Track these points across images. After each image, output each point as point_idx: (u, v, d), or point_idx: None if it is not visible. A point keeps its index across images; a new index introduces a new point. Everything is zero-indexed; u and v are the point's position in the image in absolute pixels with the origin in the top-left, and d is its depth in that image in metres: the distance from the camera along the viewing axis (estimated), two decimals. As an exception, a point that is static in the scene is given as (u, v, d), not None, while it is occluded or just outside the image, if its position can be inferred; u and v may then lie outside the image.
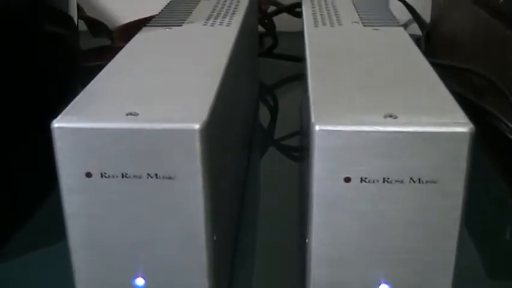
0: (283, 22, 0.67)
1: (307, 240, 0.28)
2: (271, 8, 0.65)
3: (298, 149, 0.48)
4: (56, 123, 0.26)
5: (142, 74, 0.32)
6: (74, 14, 0.48)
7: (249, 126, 0.49)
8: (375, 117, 0.26)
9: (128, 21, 0.76)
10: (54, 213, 0.29)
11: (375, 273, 0.28)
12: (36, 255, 0.38)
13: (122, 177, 0.26)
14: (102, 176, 0.27)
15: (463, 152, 0.25)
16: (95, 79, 0.31)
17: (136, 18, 0.71)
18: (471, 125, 0.25)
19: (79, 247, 0.28)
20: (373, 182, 0.26)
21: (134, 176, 0.26)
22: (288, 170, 0.46)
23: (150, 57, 0.35)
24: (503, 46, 0.50)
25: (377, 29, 0.39)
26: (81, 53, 0.54)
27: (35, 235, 0.39)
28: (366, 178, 0.26)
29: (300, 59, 0.63)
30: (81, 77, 0.47)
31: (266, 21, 0.62)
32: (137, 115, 0.26)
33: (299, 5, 0.63)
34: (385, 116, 0.26)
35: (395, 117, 0.26)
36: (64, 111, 0.27)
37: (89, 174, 0.27)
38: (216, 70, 0.32)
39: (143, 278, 0.28)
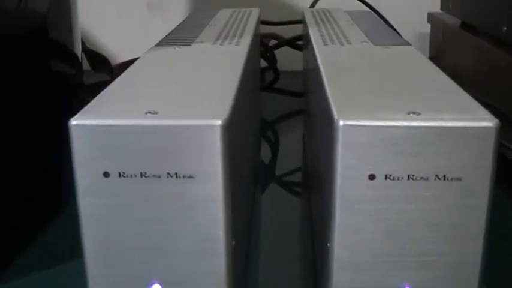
0: (284, 61, 0.68)
1: (328, 245, 0.27)
2: (273, 42, 0.65)
3: (300, 184, 0.47)
4: (74, 121, 0.26)
5: (158, 80, 0.32)
6: (78, 50, 0.48)
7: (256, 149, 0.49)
8: (398, 114, 0.26)
9: (127, 59, 0.76)
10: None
11: (398, 277, 0.27)
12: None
13: (141, 176, 0.26)
14: (120, 176, 0.26)
15: (488, 147, 0.25)
16: (111, 85, 0.31)
17: (136, 56, 0.72)
18: (496, 120, 0.25)
19: (94, 251, 0.27)
20: (398, 179, 0.26)
21: (153, 176, 0.26)
22: (290, 205, 0.44)
23: (163, 67, 0.35)
24: (508, 75, 0.51)
25: (388, 47, 0.39)
26: (84, 89, 0.53)
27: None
28: (390, 175, 0.26)
29: (301, 94, 0.63)
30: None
31: (268, 54, 0.62)
32: (156, 113, 0.26)
33: (300, 38, 0.63)
34: (408, 113, 0.26)
35: (419, 114, 0.26)
36: (82, 111, 0.27)
37: (106, 174, 0.26)
38: (232, 78, 0.32)
39: (160, 284, 0.27)
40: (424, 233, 0.26)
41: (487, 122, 0.25)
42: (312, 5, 0.65)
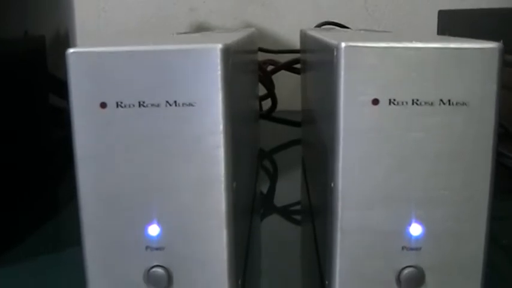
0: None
1: (332, 184, 0.26)
2: (270, 67, 0.66)
3: (300, 212, 0.46)
4: (71, 49, 0.25)
5: (156, 39, 0.32)
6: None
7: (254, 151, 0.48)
8: (401, 42, 0.25)
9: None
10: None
11: (406, 212, 0.26)
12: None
13: (139, 106, 0.25)
14: (117, 106, 0.25)
15: (492, 69, 0.25)
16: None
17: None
18: (500, 43, 0.25)
19: (89, 191, 0.26)
20: (402, 104, 0.25)
21: (152, 105, 0.25)
22: (289, 235, 0.42)
23: (162, 36, 0.35)
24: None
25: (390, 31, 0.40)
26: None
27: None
28: (394, 100, 0.25)
29: (299, 123, 0.63)
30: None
31: (265, 77, 0.63)
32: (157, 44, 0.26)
33: (297, 61, 0.64)
34: (411, 42, 0.25)
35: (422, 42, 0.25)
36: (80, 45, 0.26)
37: (103, 105, 0.25)
38: (231, 36, 0.31)
39: (158, 225, 0.26)
40: (432, 164, 0.25)
41: (491, 44, 0.25)
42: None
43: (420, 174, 0.26)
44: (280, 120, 0.68)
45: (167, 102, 0.25)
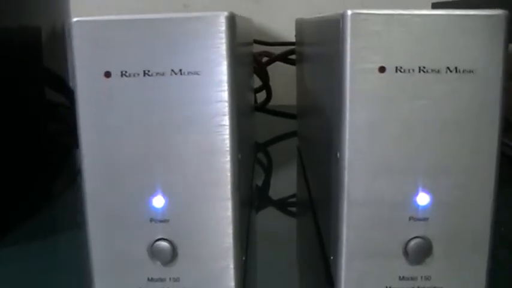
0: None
1: (338, 154, 0.26)
2: (265, 59, 0.66)
3: (297, 204, 0.45)
4: (75, 18, 0.25)
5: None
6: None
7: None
8: (407, 10, 0.25)
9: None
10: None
11: (412, 181, 0.26)
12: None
13: (144, 75, 0.25)
14: (122, 75, 0.25)
15: (499, 36, 0.25)
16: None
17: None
18: (505, 11, 0.25)
19: (93, 161, 0.26)
20: (409, 71, 0.25)
21: (157, 74, 0.25)
22: (285, 227, 0.41)
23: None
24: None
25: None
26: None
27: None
28: (401, 67, 0.25)
29: (294, 116, 0.63)
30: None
31: (260, 68, 0.63)
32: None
33: (292, 52, 0.63)
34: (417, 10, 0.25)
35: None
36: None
37: (107, 74, 0.25)
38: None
39: (163, 196, 0.26)
40: (440, 132, 0.25)
41: (496, 11, 0.25)
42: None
43: (427, 142, 0.25)
44: (275, 112, 0.68)
45: (172, 71, 0.25)
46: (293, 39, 0.59)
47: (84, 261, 0.27)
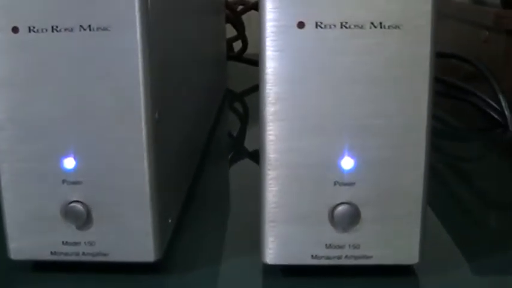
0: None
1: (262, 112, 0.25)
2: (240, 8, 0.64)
3: None
4: (-20, -28, 0.24)
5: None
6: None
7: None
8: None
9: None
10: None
11: (337, 143, 0.24)
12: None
13: (52, 31, 0.24)
14: (30, 31, 0.24)
15: (427, -11, 0.23)
16: None
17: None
18: (434, -40, 0.23)
19: (4, 117, 0.25)
20: (330, 27, 0.23)
21: (65, 29, 0.24)
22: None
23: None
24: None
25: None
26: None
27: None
28: (321, 23, 0.23)
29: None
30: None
31: (234, 17, 0.61)
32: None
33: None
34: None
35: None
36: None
37: (15, 29, 0.24)
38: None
39: (74, 158, 0.25)
40: (366, 90, 0.24)
41: (425, -39, 0.23)
42: None
43: (352, 100, 0.24)
44: (251, 61, 0.66)
45: (81, 26, 0.24)
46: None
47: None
